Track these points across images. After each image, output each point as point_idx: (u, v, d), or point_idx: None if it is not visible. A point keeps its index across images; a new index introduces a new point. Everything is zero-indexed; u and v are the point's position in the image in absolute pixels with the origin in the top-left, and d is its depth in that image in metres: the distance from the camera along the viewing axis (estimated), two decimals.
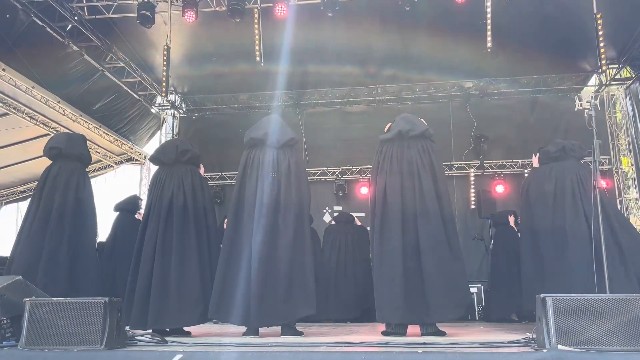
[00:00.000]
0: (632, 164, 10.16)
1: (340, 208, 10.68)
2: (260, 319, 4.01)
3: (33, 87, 8.62)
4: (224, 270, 4.23)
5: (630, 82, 9.92)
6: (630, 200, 10.08)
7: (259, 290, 4.00)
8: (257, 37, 8.14)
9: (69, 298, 3.08)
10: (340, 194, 10.67)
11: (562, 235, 4.54)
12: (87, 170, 5.36)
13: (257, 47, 8.22)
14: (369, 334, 4.39)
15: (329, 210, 10.72)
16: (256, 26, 8.08)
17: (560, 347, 2.44)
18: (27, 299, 3.00)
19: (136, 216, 7.34)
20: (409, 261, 4.05)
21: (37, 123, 9.77)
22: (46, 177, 5.01)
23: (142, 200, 7.85)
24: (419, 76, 10.43)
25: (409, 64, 9.93)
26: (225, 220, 7.47)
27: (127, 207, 7.36)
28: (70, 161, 5.10)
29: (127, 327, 3.61)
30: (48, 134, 10.06)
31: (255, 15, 8.07)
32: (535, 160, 5.18)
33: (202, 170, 5.06)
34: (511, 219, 7.81)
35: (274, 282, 4.07)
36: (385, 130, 4.65)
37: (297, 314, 4.21)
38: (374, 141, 4.85)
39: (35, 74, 8.56)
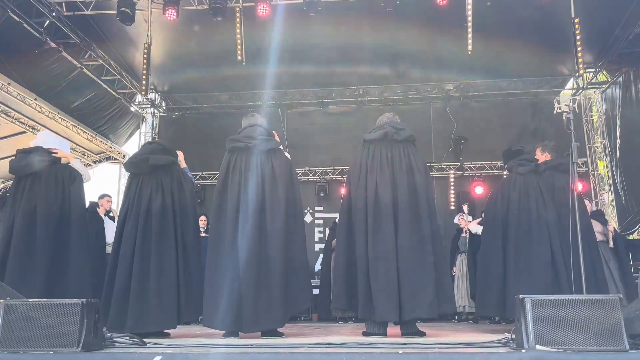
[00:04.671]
0: (607, 167, 10.36)
1: (321, 209, 10.69)
2: (253, 325, 4.02)
3: (9, 84, 8.45)
4: (213, 277, 4.19)
5: (607, 86, 10.12)
6: (605, 202, 10.27)
7: (250, 297, 3.99)
8: (238, 36, 8.11)
9: (44, 299, 3.02)
10: (322, 195, 10.68)
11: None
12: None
13: (239, 47, 8.18)
14: (349, 335, 4.40)
15: (310, 211, 10.72)
16: (238, 25, 8.05)
17: (538, 347, 2.47)
18: (1, 301, 2.93)
19: (98, 210, 7.28)
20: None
21: (13, 120, 9.57)
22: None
23: (110, 197, 7.73)
24: (401, 77, 10.51)
25: (390, 65, 10.00)
26: (201, 218, 7.47)
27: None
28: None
29: (104, 329, 3.56)
30: (24, 132, 9.88)
31: (237, 15, 8.04)
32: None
33: (181, 156, 4.98)
34: None
35: (264, 288, 4.07)
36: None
37: (287, 316, 4.25)
38: (356, 142, 4.87)
39: (12, 71, 8.40)
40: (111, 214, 7.51)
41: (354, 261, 4.23)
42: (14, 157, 4.94)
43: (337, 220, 8.50)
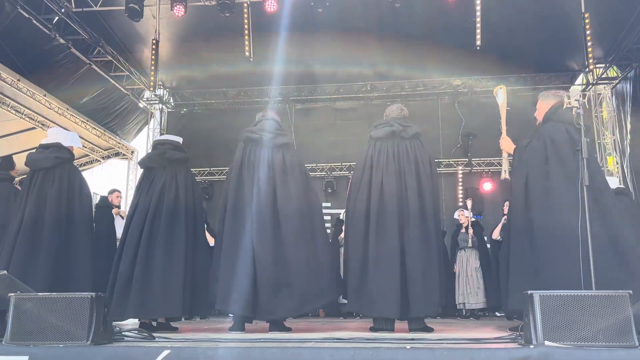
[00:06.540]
0: (617, 163, 10.27)
1: (329, 205, 10.69)
2: (267, 313, 4.07)
3: (19, 80, 8.51)
4: (228, 264, 4.21)
5: (617, 81, 10.03)
6: None
7: (265, 287, 4.03)
8: (246, 32, 8.10)
9: (54, 293, 3.05)
10: (329, 191, 10.68)
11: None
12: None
13: (247, 43, 8.17)
14: (357, 330, 4.40)
15: None
16: (246, 21, 8.05)
17: (547, 343, 2.46)
18: (12, 294, 2.96)
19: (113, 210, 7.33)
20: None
21: (23, 116, 9.65)
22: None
23: (119, 192, 7.76)
24: (409, 73, 10.47)
25: (398, 60, 9.96)
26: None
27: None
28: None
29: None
30: (34, 128, 9.95)
31: (245, 10, 8.04)
32: None
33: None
34: None
35: (279, 280, 4.09)
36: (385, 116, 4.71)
37: (306, 308, 4.30)
38: (364, 138, 4.86)
39: (21, 67, 8.45)
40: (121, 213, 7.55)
41: (363, 257, 4.24)
42: (34, 150, 4.99)
43: (340, 216, 8.55)
